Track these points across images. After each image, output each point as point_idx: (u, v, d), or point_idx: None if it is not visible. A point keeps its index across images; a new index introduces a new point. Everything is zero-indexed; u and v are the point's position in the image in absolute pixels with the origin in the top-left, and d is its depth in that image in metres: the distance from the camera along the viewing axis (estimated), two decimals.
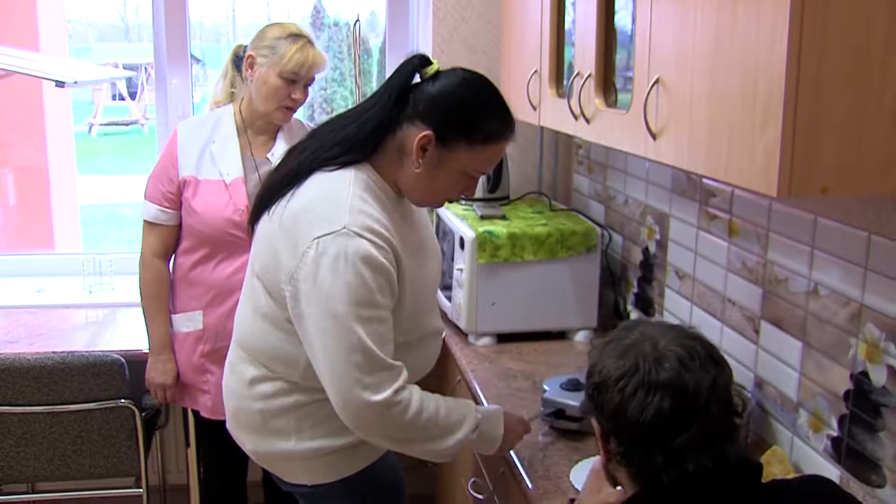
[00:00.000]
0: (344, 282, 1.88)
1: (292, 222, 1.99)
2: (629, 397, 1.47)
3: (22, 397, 2.99)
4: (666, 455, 1.46)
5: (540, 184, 3.75)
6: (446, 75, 2.01)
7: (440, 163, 1.99)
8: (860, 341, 1.88)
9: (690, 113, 1.83)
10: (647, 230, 2.92)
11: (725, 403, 1.49)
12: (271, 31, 2.80)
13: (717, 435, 1.48)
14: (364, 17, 3.52)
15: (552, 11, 2.79)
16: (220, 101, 2.99)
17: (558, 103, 2.71)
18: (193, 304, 2.89)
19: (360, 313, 1.90)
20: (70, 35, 7.96)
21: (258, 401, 2.17)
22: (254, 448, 2.23)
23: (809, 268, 2.05)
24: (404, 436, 2.00)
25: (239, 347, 2.24)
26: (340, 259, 1.89)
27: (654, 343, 1.50)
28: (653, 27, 2.00)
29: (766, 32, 1.54)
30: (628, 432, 1.49)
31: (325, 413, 2.09)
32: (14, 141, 6.09)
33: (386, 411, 1.93)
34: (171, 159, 2.87)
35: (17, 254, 4.34)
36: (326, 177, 2.02)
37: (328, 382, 1.94)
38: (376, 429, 1.97)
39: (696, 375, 1.46)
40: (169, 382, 2.93)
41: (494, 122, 2.00)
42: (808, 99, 1.49)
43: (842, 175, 1.53)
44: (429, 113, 1.96)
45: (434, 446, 2.04)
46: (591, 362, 1.57)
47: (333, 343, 1.90)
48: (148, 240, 2.93)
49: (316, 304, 1.91)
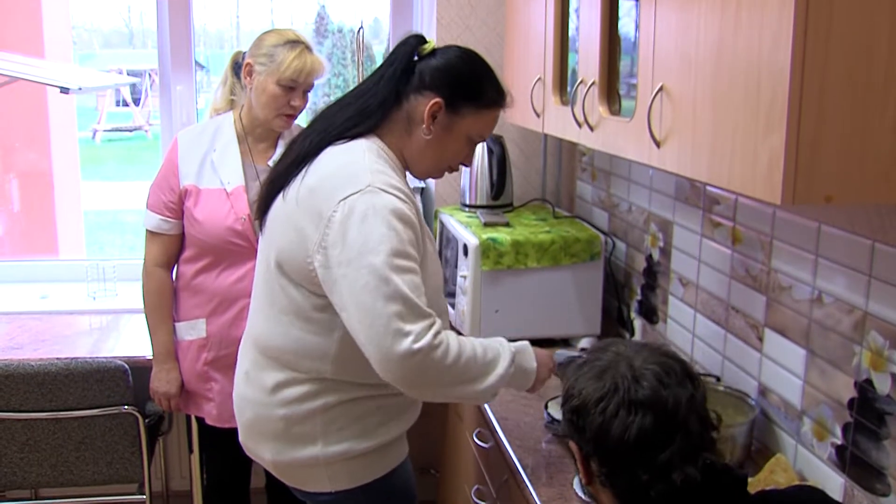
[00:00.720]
0: (376, 234, 1.91)
1: (311, 195, 2.02)
2: (611, 418, 1.47)
3: (26, 403, 2.99)
4: (651, 472, 1.46)
5: (543, 191, 3.75)
6: (443, 51, 2.15)
7: (449, 128, 2.12)
8: (864, 349, 1.87)
9: (694, 121, 1.83)
10: (651, 237, 2.92)
11: (703, 417, 1.51)
12: (269, 38, 2.80)
13: (699, 447, 1.49)
14: (367, 24, 3.53)
15: (556, 19, 2.79)
16: (220, 108, 2.99)
17: (562, 111, 2.71)
18: (197, 312, 2.88)
19: (395, 262, 1.91)
20: (74, 41, 7.99)
21: (282, 407, 2.15)
22: (274, 457, 2.20)
23: (813, 275, 2.05)
24: (449, 380, 1.98)
25: (258, 353, 2.22)
26: (369, 214, 1.93)
27: (630, 362, 1.51)
28: (656, 35, 2.00)
29: (770, 40, 1.54)
30: (612, 453, 1.49)
31: (352, 415, 2.13)
32: (18, 147, 6.10)
33: (428, 357, 1.91)
34: (171, 168, 2.86)
35: (21, 260, 4.35)
36: (339, 149, 2.09)
37: (368, 341, 1.91)
38: (422, 378, 1.94)
39: (674, 391, 1.48)
40: (173, 391, 2.93)
41: (493, 88, 2.17)
42: (811, 107, 1.50)
43: (846, 183, 1.53)
44: (435, 83, 2.10)
45: (477, 387, 2.02)
46: (566, 386, 1.58)
47: (371, 296, 1.89)
48: (150, 249, 2.93)
49: (349, 263, 1.92)
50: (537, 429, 2.46)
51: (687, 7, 1.85)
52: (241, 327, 2.79)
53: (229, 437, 2.98)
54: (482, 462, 2.74)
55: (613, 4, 2.35)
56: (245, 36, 14.13)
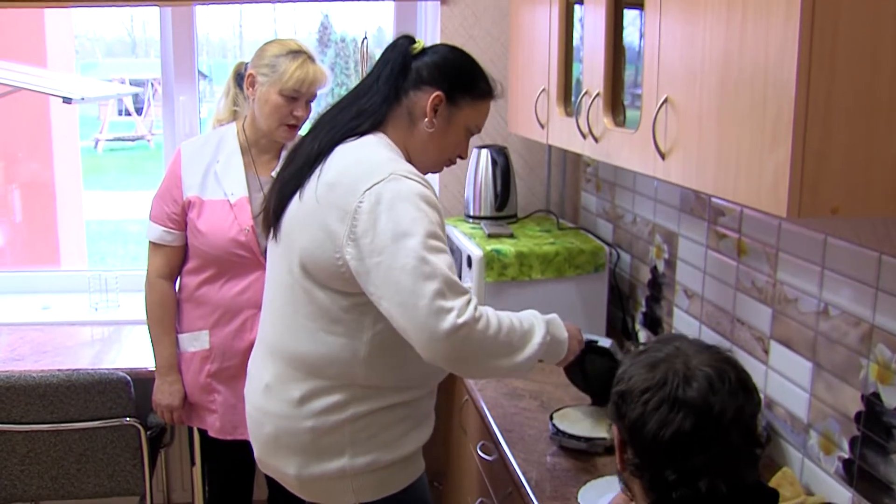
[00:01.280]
0: (407, 218, 1.95)
1: (331, 190, 2.04)
2: (652, 411, 1.45)
3: (27, 415, 2.98)
4: (679, 473, 1.44)
5: (548, 202, 3.75)
6: (434, 49, 2.23)
7: (450, 121, 2.19)
8: (871, 362, 1.86)
9: (699, 133, 1.82)
10: (656, 249, 2.91)
11: (749, 432, 1.47)
12: (271, 48, 2.79)
13: (736, 461, 1.46)
14: (371, 33, 3.53)
15: (560, 30, 2.79)
16: (223, 119, 2.98)
17: (566, 122, 2.70)
18: (200, 324, 2.87)
19: (429, 243, 1.94)
20: (77, 50, 8.00)
21: (309, 419, 2.15)
22: (299, 472, 2.19)
23: (819, 288, 2.04)
24: (493, 351, 1.99)
25: (282, 365, 2.20)
26: (396, 200, 1.96)
27: (687, 361, 1.48)
28: (661, 46, 2.00)
29: (775, 53, 1.53)
30: (645, 446, 1.47)
31: (380, 425, 2.14)
32: (21, 157, 6.10)
33: (473, 331, 1.93)
34: (175, 180, 2.85)
35: (23, 270, 4.34)
36: (351, 145, 2.12)
37: (412, 323, 1.92)
38: (468, 352, 1.95)
39: (722, 399, 1.44)
40: (176, 404, 2.92)
41: (484, 80, 2.25)
42: (817, 119, 1.49)
43: (852, 196, 1.53)
44: (434, 78, 2.16)
45: (518, 358, 2.03)
46: (620, 370, 1.56)
47: (410, 278, 1.91)
48: (153, 261, 2.92)
49: (382, 250, 1.94)
50: (542, 441, 2.44)
51: (692, 19, 1.84)
52: (245, 339, 2.79)
53: (232, 449, 2.97)
54: (486, 475, 2.72)
55: (618, 14, 2.35)
56: (248, 45, 14.16)
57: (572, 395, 2.72)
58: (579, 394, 2.71)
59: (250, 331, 2.79)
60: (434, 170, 2.30)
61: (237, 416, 2.86)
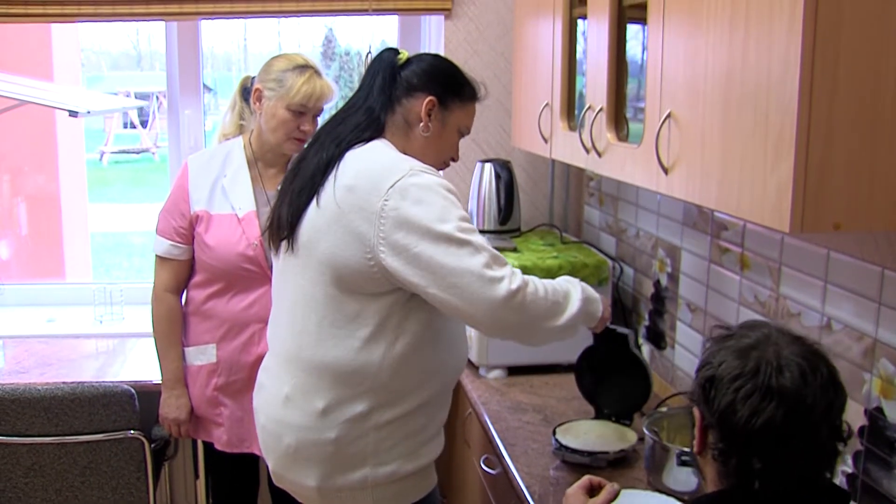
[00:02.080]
0: (437, 206, 2.03)
1: (351, 193, 2.08)
2: (744, 399, 1.44)
3: (31, 428, 2.99)
4: (765, 462, 1.44)
5: (551, 216, 3.75)
6: (419, 57, 2.31)
7: (443, 123, 2.27)
8: (874, 377, 1.86)
9: (702, 147, 1.83)
10: (659, 263, 2.91)
11: (835, 428, 1.47)
12: (277, 63, 2.79)
13: (821, 457, 1.47)
14: (374, 48, 3.54)
15: (563, 45, 2.80)
16: (229, 133, 2.98)
17: (570, 136, 2.71)
18: (206, 338, 2.87)
19: (463, 225, 2.03)
20: (83, 63, 8.02)
21: (333, 429, 2.16)
22: (321, 483, 2.20)
23: (822, 302, 2.04)
24: (545, 312, 2.09)
25: (305, 375, 2.20)
26: (423, 191, 2.04)
27: (778, 350, 1.47)
28: (664, 61, 2.00)
29: (778, 69, 1.54)
30: (734, 432, 1.46)
31: (402, 433, 2.19)
32: (27, 170, 6.12)
33: (525, 294, 2.04)
34: (182, 194, 2.86)
35: (28, 283, 4.35)
36: (361, 150, 2.18)
37: (468, 299, 2.00)
38: (525, 316, 2.06)
39: (814, 392, 1.43)
40: (182, 417, 2.92)
41: (469, 84, 2.32)
42: (819, 135, 1.50)
43: (854, 211, 1.53)
44: (424, 84, 2.24)
45: (566, 315, 2.14)
46: (706, 353, 1.55)
47: (456, 259, 2.00)
48: (160, 274, 2.92)
49: (420, 239, 2.01)
50: (545, 455, 2.45)
51: (695, 34, 1.85)
52: (252, 353, 2.79)
53: (238, 463, 2.97)
54: (489, 488, 2.72)
55: (621, 29, 2.36)
56: (252, 59, 14.21)
57: (575, 410, 2.73)
58: (582, 408, 2.71)
59: (257, 345, 2.79)
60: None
61: (243, 429, 2.87)
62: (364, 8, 3.56)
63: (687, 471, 2.11)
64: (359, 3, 3.55)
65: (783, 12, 1.52)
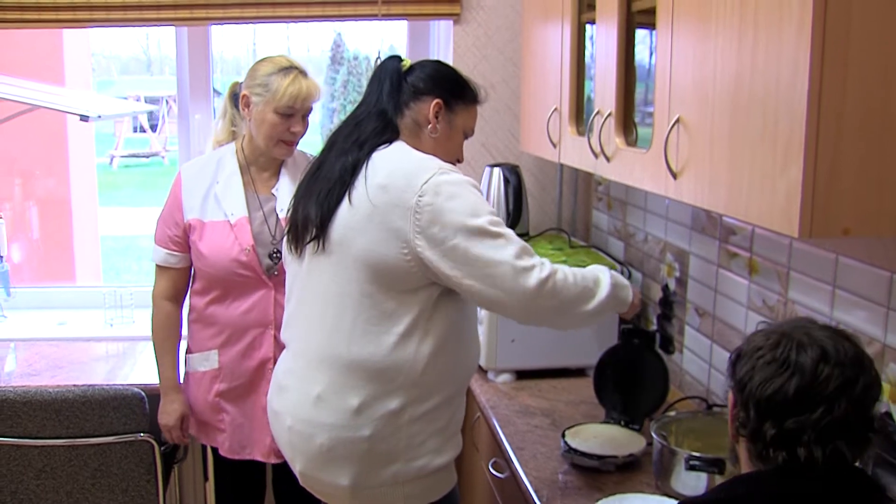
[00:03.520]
0: (469, 202, 2.12)
1: (384, 191, 2.15)
2: (761, 367, 1.48)
3: (42, 430, 3.00)
4: (778, 430, 1.46)
5: (559, 220, 3.76)
6: (422, 64, 2.39)
7: (450, 125, 2.34)
8: (883, 382, 1.86)
9: (711, 152, 1.83)
10: (667, 267, 2.92)
11: (859, 407, 1.45)
12: (262, 67, 2.79)
13: (838, 431, 1.45)
14: (384, 52, 3.55)
15: (572, 50, 2.81)
16: (222, 140, 2.98)
17: (578, 141, 2.71)
18: (209, 344, 2.87)
19: (493, 219, 2.13)
20: (93, 68, 8.05)
21: (367, 426, 2.20)
22: (355, 482, 2.24)
23: (831, 307, 2.04)
24: (577, 297, 2.19)
25: (338, 374, 2.22)
26: (453, 188, 2.12)
27: (808, 332, 1.49)
28: (673, 66, 2.01)
29: (787, 74, 1.54)
30: (748, 399, 1.49)
31: (432, 428, 2.26)
32: (38, 174, 6.15)
33: (556, 281, 2.13)
34: (176, 203, 2.86)
35: (39, 287, 4.37)
36: (388, 150, 2.25)
37: (504, 289, 2.10)
38: (558, 302, 2.15)
39: (831, 369, 1.44)
40: (171, 423, 2.92)
41: (470, 87, 2.40)
42: (828, 140, 1.50)
43: (863, 216, 1.54)
44: (430, 88, 2.32)
45: (598, 300, 2.22)
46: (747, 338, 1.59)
47: (489, 251, 2.10)
48: (158, 282, 2.93)
49: (454, 234, 2.09)
50: (554, 459, 2.45)
51: (703, 39, 1.86)
52: (254, 357, 2.80)
53: (241, 469, 2.98)
54: (497, 492, 2.73)
55: (630, 34, 2.36)
56: None
57: (584, 413, 2.73)
58: (591, 412, 2.71)
59: (258, 349, 2.80)
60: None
61: (244, 435, 2.87)
62: (374, 13, 3.57)
63: (695, 475, 2.11)
64: (368, 8, 3.57)
65: (792, 17, 1.52)
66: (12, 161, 5.86)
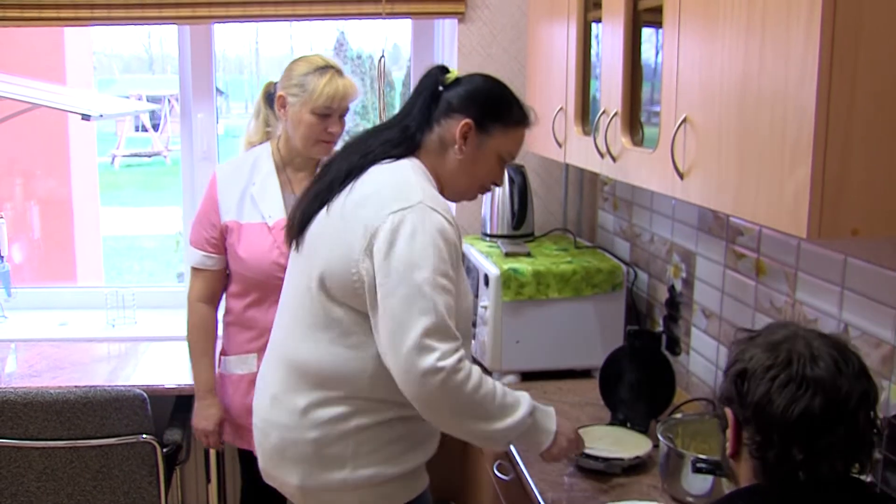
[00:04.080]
0: (421, 251, 1.99)
1: (358, 208, 2.10)
2: (780, 388, 1.44)
3: (44, 432, 2.98)
4: (806, 454, 1.43)
5: (565, 221, 3.74)
6: (467, 78, 2.26)
7: (480, 148, 2.21)
8: (893, 384, 1.85)
9: (719, 152, 1.82)
10: (674, 268, 2.90)
11: (871, 418, 1.46)
12: (298, 67, 2.77)
13: (860, 445, 1.45)
14: (387, 51, 3.53)
15: (578, 48, 2.79)
16: (255, 141, 2.96)
17: (584, 141, 2.70)
18: (248, 347, 2.85)
19: (437, 281, 1.98)
20: (95, 66, 8.05)
21: (313, 429, 2.17)
22: (302, 482, 2.21)
23: (839, 308, 2.03)
24: (464, 410, 2.00)
25: (289, 374, 2.22)
26: (418, 230, 2.00)
27: (808, 342, 1.47)
28: (680, 66, 1.99)
29: (795, 74, 1.53)
30: (771, 423, 1.45)
31: (383, 439, 2.17)
32: (39, 174, 6.14)
33: (449, 379, 1.95)
34: (212, 204, 2.84)
35: (40, 287, 4.35)
36: (385, 167, 2.17)
37: (394, 351, 1.97)
38: (439, 399, 1.97)
39: (849, 381, 1.43)
40: (210, 428, 2.89)
41: (519, 108, 2.26)
42: (837, 141, 1.49)
43: (873, 217, 1.53)
44: (464, 106, 2.19)
45: (491, 426, 2.03)
46: (734, 353, 1.55)
47: (406, 309, 1.96)
48: (194, 285, 2.90)
49: (389, 273, 1.99)
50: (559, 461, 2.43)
51: (711, 39, 1.84)
52: None
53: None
54: (502, 495, 2.71)
55: (636, 33, 2.35)
56: (264, 62, 14.22)
57: (589, 415, 2.71)
58: (597, 414, 2.70)
59: None
60: (467, 197, 2.35)
61: None
62: (377, 11, 3.55)
63: (702, 477, 2.10)
64: (372, 6, 3.55)
65: (801, 16, 1.51)
66: (13, 161, 5.85)
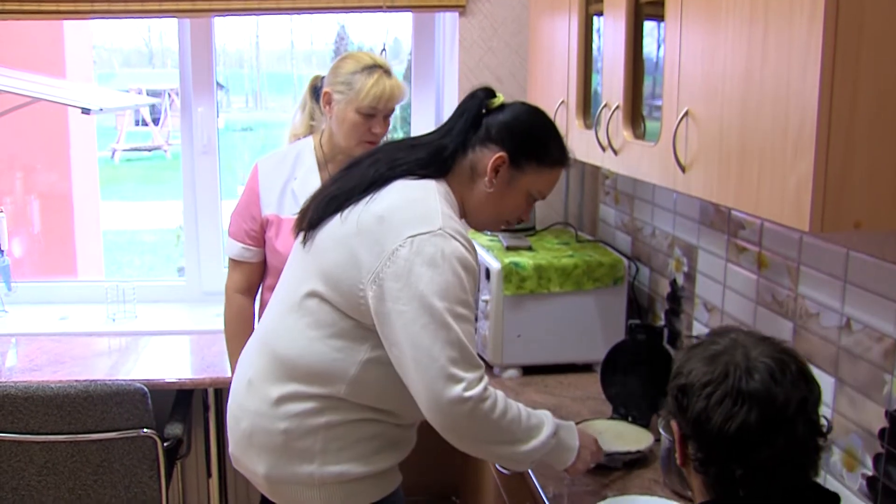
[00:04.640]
0: (441, 279, 1.95)
1: (376, 223, 2.04)
2: (715, 405, 1.44)
3: (45, 426, 2.99)
4: (746, 469, 1.44)
5: (566, 214, 3.73)
6: (511, 106, 2.20)
7: (510, 183, 2.16)
8: (895, 378, 1.84)
9: (721, 146, 1.81)
10: (675, 262, 2.89)
11: (812, 423, 1.46)
12: (345, 65, 2.76)
13: (801, 455, 1.45)
14: (388, 44, 3.53)
15: (580, 42, 2.78)
16: (299, 133, 2.96)
17: (586, 134, 2.69)
18: None
19: (457, 310, 1.95)
20: (94, 60, 8.03)
21: (283, 420, 2.14)
22: (269, 472, 2.18)
23: (842, 302, 2.02)
24: (491, 436, 2.00)
25: (268, 362, 2.20)
26: (438, 257, 1.96)
27: (746, 352, 1.47)
28: (682, 59, 1.99)
29: (798, 67, 1.52)
30: (710, 440, 1.46)
31: (353, 437, 2.13)
32: (39, 168, 6.13)
33: (477, 408, 1.94)
34: (253, 197, 2.84)
35: (41, 281, 4.35)
36: (410, 184, 2.11)
37: (420, 382, 1.94)
38: (467, 427, 1.97)
39: (785, 390, 1.43)
40: None
41: (558, 148, 2.21)
42: (840, 134, 1.48)
43: (875, 210, 1.52)
44: (501, 137, 2.14)
45: (518, 448, 2.04)
46: (677, 363, 1.55)
47: (429, 339, 1.92)
48: (232, 276, 2.90)
49: (409, 301, 1.94)
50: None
51: (713, 32, 1.83)
52: None
53: None
54: (504, 490, 2.71)
55: (638, 26, 2.34)
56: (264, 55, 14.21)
57: (590, 409, 2.71)
58: (598, 408, 2.70)
59: None
60: (489, 228, 2.35)
61: None
62: (378, 5, 3.54)
63: None
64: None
65: (804, 8, 1.50)
66: (13, 155, 5.84)
